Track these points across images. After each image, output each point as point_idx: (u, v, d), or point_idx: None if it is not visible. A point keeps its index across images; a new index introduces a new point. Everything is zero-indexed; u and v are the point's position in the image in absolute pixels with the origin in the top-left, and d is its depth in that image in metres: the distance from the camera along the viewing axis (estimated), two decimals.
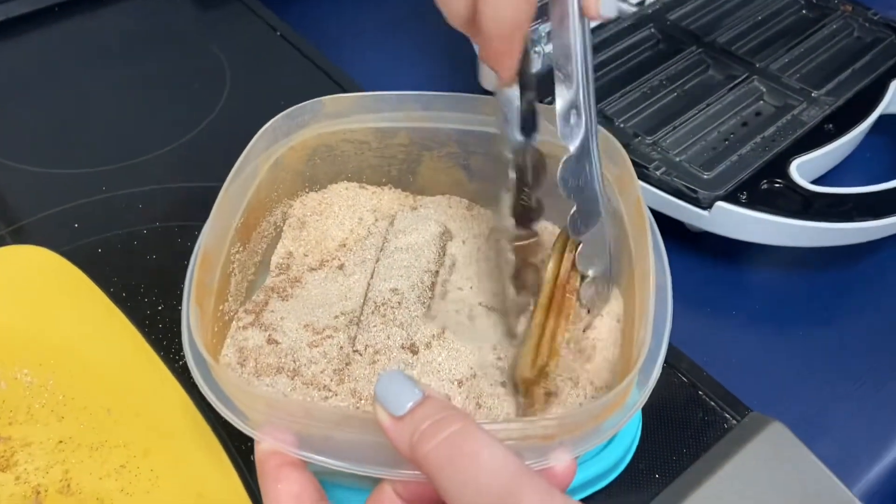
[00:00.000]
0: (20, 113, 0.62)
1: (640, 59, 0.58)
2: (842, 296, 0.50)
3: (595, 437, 0.28)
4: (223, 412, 0.29)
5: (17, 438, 0.39)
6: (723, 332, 0.49)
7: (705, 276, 0.51)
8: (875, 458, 0.43)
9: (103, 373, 0.41)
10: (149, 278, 0.48)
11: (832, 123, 0.52)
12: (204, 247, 0.33)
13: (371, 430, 0.27)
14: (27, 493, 0.37)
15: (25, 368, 0.41)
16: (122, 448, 0.39)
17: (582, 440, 0.28)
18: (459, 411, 0.26)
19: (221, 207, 0.35)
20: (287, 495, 0.27)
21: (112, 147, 0.58)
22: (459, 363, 0.36)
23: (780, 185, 0.48)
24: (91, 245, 0.51)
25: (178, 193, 0.55)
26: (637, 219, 0.34)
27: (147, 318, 0.46)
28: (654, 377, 0.29)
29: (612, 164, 0.38)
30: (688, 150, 0.51)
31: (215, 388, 0.30)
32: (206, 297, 0.33)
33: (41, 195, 0.54)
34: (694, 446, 0.40)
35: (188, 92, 0.64)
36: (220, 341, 0.36)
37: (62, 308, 0.44)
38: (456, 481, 0.24)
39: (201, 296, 0.32)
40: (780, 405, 0.43)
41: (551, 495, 0.23)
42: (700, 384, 0.43)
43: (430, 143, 0.43)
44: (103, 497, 0.37)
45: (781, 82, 0.55)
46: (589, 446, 0.28)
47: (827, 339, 0.48)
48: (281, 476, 0.28)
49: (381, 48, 0.69)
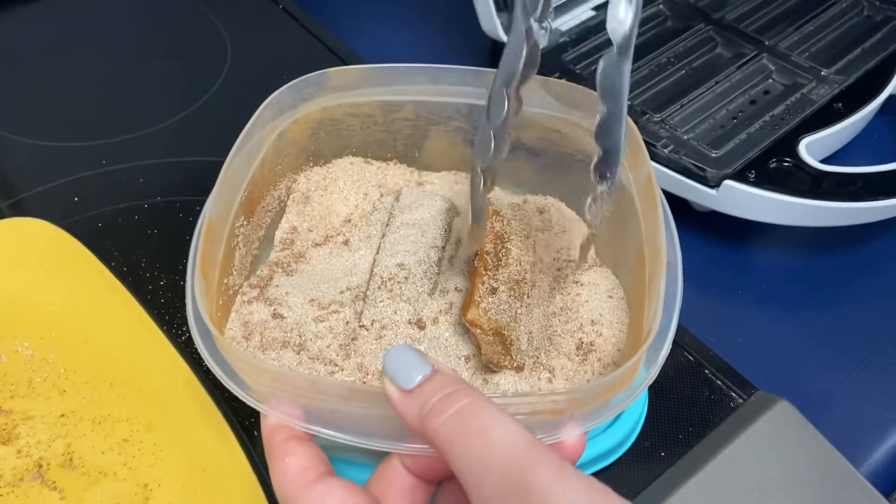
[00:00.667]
0: (20, 86, 0.61)
1: (648, 36, 0.58)
2: (849, 277, 0.50)
3: (604, 413, 0.28)
4: (228, 385, 0.29)
5: (18, 412, 0.39)
6: (729, 312, 0.48)
7: (712, 255, 0.51)
8: (881, 439, 0.43)
9: (105, 347, 0.41)
10: (150, 253, 0.48)
11: (841, 102, 0.52)
12: (209, 219, 0.33)
13: (379, 403, 0.26)
14: (29, 466, 0.37)
15: (26, 342, 0.41)
16: (124, 422, 0.38)
17: (591, 415, 0.27)
18: (469, 386, 0.25)
19: (226, 180, 0.34)
20: (294, 469, 0.27)
21: (113, 121, 0.57)
22: (466, 339, 0.35)
23: (789, 164, 0.48)
24: (91, 219, 0.50)
25: (180, 168, 0.54)
26: (648, 195, 0.34)
27: (149, 293, 0.46)
28: (663, 354, 0.29)
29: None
30: (696, 129, 0.50)
31: (220, 360, 0.29)
32: (210, 270, 0.32)
33: (41, 168, 0.54)
34: (700, 424, 0.40)
35: (190, 65, 0.63)
36: (224, 315, 0.35)
37: (63, 281, 0.43)
38: (467, 456, 0.23)
39: (206, 268, 0.32)
40: (787, 385, 0.42)
41: (563, 469, 0.22)
42: (706, 363, 0.43)
43: (436, 117, 0.42)
44: (106, 471, 0.37)
45: (790, 60, 0.55)
46: (598, 421, 0.28)
47: (834, 320, 0.48)
48: (288, 450, 0.27)
49: (382, 21, 0.69)
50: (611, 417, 0.28)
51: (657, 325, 0.29)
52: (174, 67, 0.63)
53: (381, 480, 0.28)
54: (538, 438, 0.24)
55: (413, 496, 0.28)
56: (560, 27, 0.57)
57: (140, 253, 0.48)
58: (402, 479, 0.28)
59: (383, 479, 0.28)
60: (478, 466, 0.23)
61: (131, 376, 0.40)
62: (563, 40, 0.56)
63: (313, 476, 0.27)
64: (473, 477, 0.23)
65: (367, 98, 0.42)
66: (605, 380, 0.27)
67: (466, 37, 0.65)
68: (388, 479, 0.28)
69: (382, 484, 0.28)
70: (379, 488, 0.28)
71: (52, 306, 0.42)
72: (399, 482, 0.28)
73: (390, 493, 0.28)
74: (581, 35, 0.57)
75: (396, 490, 0.28)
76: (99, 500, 0.36)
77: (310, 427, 0.28)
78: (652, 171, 0.35)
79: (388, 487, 0.28)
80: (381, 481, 0.28)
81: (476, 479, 0.23)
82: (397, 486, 0.28)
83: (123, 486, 0.36)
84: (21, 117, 0.58)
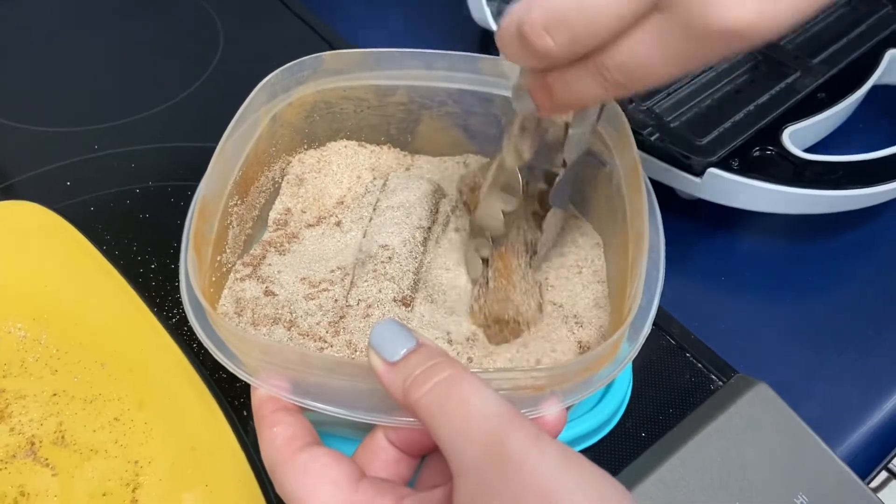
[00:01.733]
0: (13, 71, 0.61)
1: None
2: (830, 265, 0.51)
3: (585, 389, 0.28)
4: (219, 357, 0.30)
5: (11, 391, 0.39)
6: (712, 298, 0.49)
7: (695, 242, 0.52)
8: (858, 422, 0.44)
9: (97, 328, 0.41)
10: (141, 236, 0.48)
11: (825, 92, 0.52)
12: (202, 197, 0.33)
13: (365, 377, 0.27)
14: (22, 443, 0.37)
15: (19, 323, 0.42)
16: (115, 401, 0.39)
17: (573, 391, 0.28)
18: (451, 359, 0.26)
19: (220, 160, 0.35)
20: (281, 438, 0.28)
21: (105, 106, 0.58)
22: (453, 317, 0.36)
23: (772, 153, 0.49)
24: (83, 203, 0.51)
25: (171, 153, 0.55)
26: (633, 181, 0.35)
27: (140, 276, 0.46)
28: (644, 332, 0.30)
29: (611, 128, 0.38)
30: (682, 117, 0.51)
31: (212, 334, 0.30)
32: (203, 247, 0.33)
33: (33, 153, 0.54)
34: (680, 406, 0.41)
35: (181, 52, 0.63)
36: (217, 291, 0.36)
37: (55, 263, 0.44)
38: (447, 426, 0.24)
39: (199, 245, 0.32)
40: (766, 369, 0.43)
41: (539, 436, 0.23)
42: (688, 347, 0.44)
43: (428, 101, 0.43)
44: (97, 448, 0.37)
45: (776, 50, 0.55)
46: (580, 397, 0.28)
47: (814, 307, 0.49)
48: (276, 420, 0.28)
49: (373, 10, 0.69)
50: (593, 392, 0.29)
51: (637, 305, 0.29)
52: (166, 54, 0.63)
53: (366, 453, 0.29)
54: (517, 410, 0.25)
55: (397, 469, 0.29)
56: None
57: (131, 237, 0.48)
58: (387, 452, 0.29)
59: (367, 451, 0.29)
60: (457, 435, 0.24)
61: (122, 357, 0.40)
62: None
63: (299, 445, 0.27)
64: (453, 445, 0.24)
65: (361, 82, 0.42)
66: (586, 357, 0.28)
67: (456, 26, 0.65)
68: (373, 451, 0.29)
69: (367, 456, 0.29)
70: (363, 460, 0.29)
71: (45, 288, 0.43)
72: (383, 455, 0.29)
73: (374, 465, 0.29)
74: None
75: (380, 462, 0.29)
76: (90, 476, 0.36)
77: (298, 399, 0.29)
78: (638, 157, 0.35)
79: (372, 459, 0.29)
80: (365, 453, 0.29)
81: (455, 447, 0.24)
82: (381, 459, 0.29)
83: (114, 463, 0.37)
84: (13, 103, 0.58)
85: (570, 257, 0.40)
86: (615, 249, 0.38)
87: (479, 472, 0.23)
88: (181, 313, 0.44)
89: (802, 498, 0.37)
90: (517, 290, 0.36)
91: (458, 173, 0.44)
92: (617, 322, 0.34)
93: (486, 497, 0.23)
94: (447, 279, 0.38)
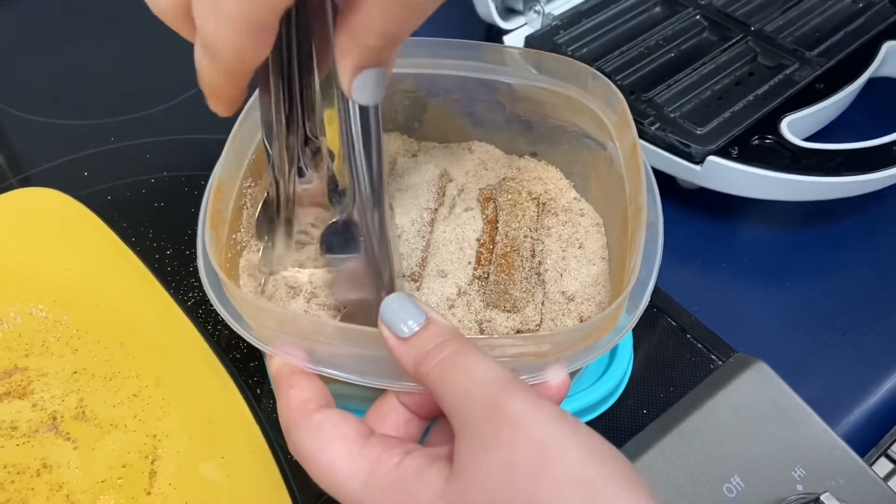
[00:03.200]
0: (35, 68, 0.63)
1: (638, 20, 0.60)
2: (829, 251, 0.52)
3: (587, 355, 0.30)
4: (235, 327, 0.31)
5: (33, 369, 0.41)
6: (713, 284, 0.50)
7: (697, 230, 0.53)
8: (855, 402, 0.45)
9: (116, 309, 0.43)
10: (157, 224, 0.50)
11: (823, 83, 0.54)
12: (218, 177, 0.35)
13: (376, 346, 0.28)
14: (44, 418, 0.39)
15: (41, 304, 0.43)
16: (134, 378, 0.40)
17: (575, 357, 0.29)
18: (459, 333, 0.28)
19: (234, 143, 0.36)
20: (297, 400, 0.29)
21: (122, 100, 0.60)
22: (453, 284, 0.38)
23: (771, 141, 0.50)
24: (101, 192, 0.52)
25: (186, 145, 0.56)
26: (632, 161, 0.36)
27: (156, 261, 0.48)
28: (643, 303, 0.31)
29: (611, 111, 0.39)
30: (682, 108, 0.52)
31: (228, 304, 0.31)
32: (220, 224, 0.34)
33: (53, 145, 0.56)
34: (681, 385, 0.42)
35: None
36: (233, 268, 0.37)
37: (76, 247, 0.45)
38: (450, 391, 0.26)
39: (216, 222, 0.33)
40: (766, 351, 0.44)
41: (538, 399, 0.24)
42: (688, 328, 0.45)
43: (435, 89, 0.44)
44: (117, 423, 0.39)
45: (776, 43, 0.57)
46: (582, 363, 0.30)
47: (812, 291, 0.50)
48: (292, 383, 0.30)
49: None
50: (594, 359, 0.30)
51: (636, 276, 0.31)
52: (181, 50, 0.64)
53: (378, 413, 0.30)
54: (521, 378, 0.26)
55: (407, 429, 0.30)
56: (552, 11, 0.59)
57: (147, 224, 0.50)
58: (398, 413, 0.30)
59: (379, 412, 0.30)
60: (460, 397, 0.25)
61: (141, 336, 0.42)
62: (556, 24, 0.58)
63: (313, 407, 0.29)
64: (455, 407, 0.25)
65: None
66: (588, 324, 0.29)
67: (462, 21, 0.66)
68: (384, 412, 0.30)
69: (378, 416, 0.30)
70: (375, 421, 0.30)
71: (66, 271, 0.44)
72: (394, 415, 0.30)
73: (385, 425, 0.30)
74: (573, 19, 0.59)
75: (391, 422, 0.30)
76: (110, 449, 0.38)
77: (311, 367, 0.30)
78: (637, 139, 0.36)
79: (384, 420, 0.30)
80: (377, 414, 0.30)
81: (457, 408, 0.25)
82: (392, 419, 0.30)
83: (133, 437, 0.38)
84: (35, 97, 0.60)
85: (571, 235, 0.41)
86: (615, 228, 0.39)
87: (478, 429, 0.24)
88: (196, 296, 0.46)
89: (800, 471, 0.38)
90: (517, 287, 0.37)
91: (464, 159, 0.45)
92: (617, 296, 0.35)
93: (483, 451, 0.24)
94: (453, 256, 0.39)
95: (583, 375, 0.40)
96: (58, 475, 0.37)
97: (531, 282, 0.38)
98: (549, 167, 0.45)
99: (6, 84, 0.61)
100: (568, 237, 0.40)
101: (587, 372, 0.40)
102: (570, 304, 0.37)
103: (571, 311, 0.37)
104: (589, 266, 0.39)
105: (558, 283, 0.38)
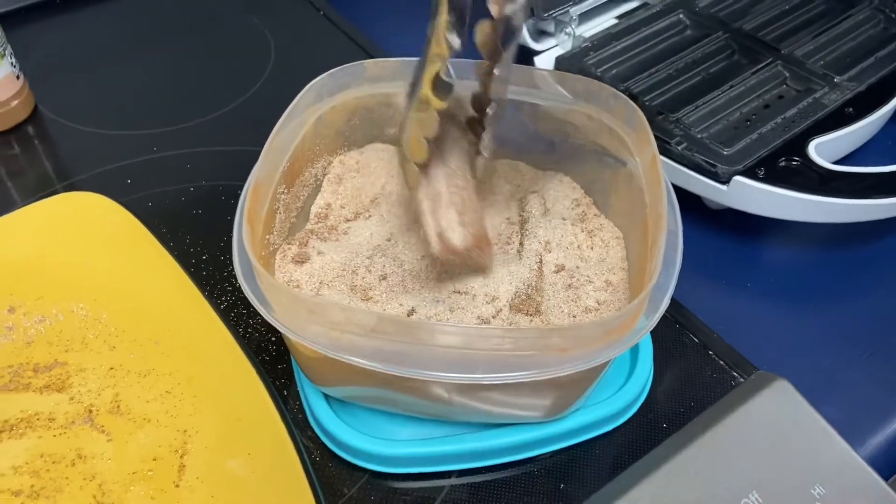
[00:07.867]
0: (83, 81, 0.66)
1: (667, 43, 0.60)
2: (854, 273, 0.52)
3: (606, 352, 0.30)
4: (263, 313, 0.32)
5: (72, 364, 0.42)
6: (737, 302, 0.51)
7: (722, 250, 0.53)
8: (880, 425, 0.45)
9: (152, 309, 0.44)
10: (194, 230, 0.52)
11: (852, 107, 0.54)
12: (255, 179, 0.36)
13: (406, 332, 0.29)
14: (80, 411, 0.40)
15: (81, 303, 0.45)
16: (167, 376, 0.42)
17: (594, 354, 0.30)
18: None
19: (270, 150, 0.38)
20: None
21: (164, 112, 0.62)
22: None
23: (798, 163, 0.50)
24: (142, 198, 0.54)
25: (224, 156, 0.58)
26: (652, 173, 0.37)
27: (192, 266, 0.49)
28: (663, 305, 0.32)
29: (629, 127, 0.40)
30: (709, 129, 0.53)
31: (257, 292, 0.32)
32: (255, 221, 0.36)
33: (98, 153, 0.58)
34: (701, 400, 0.43)
35: (236, 64, 0.67)
36: (266, 267, 0.39)
37: (117, 249, 0.47)
38: None
39: (252, 218, 0.35)
40: (788, 370, 0.44)
41: None
42: (710, 345, 0.45)
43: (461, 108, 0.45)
44: (150, 417, 0.40)
45: (805, 67, 0.57)
46: (600, 359, 0.30)
47: (838, 313, 0.50)
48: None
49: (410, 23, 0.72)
50: (612, 357, 0.31)
51: (656, 276, 0.31)
52: (221, 66, 0.67)
53: None
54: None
55: None
56: (583, 34, 0.60)
57: (185, 230, 0.52)
58: None
59: None
60: None
61: (175, 336, 0.43)
62: (586, 45, 0.59)
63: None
64: None
65: (399, 89, 0.45)
66: (608, 319, 0.30)
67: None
68: None
69: None
70: None
71: (106, 272, 0.46)
72: None
73: None
74: (603, 41, 0.60)
75: None
76: (143, 442, 0.39)
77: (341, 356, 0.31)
78: (657, 153, 0.37)
79: None
80: None
81: None
82: None
83: (165, 431, 0.40)
84: (82, 108, 0.63)
85: (591, 247, 0.42)
86: (635, 241, 0.40)
87: None
88: (230, 300, 0.48)
89: (819, 489, 0.38)
90: (538, 293, 0.38)
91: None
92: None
93: None
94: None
95: (602, 386, 0.40)
96: (91, 465, 0.38)
97: (556, 287, 0.39)
98: (571, 182, 0.46)
99: (57, 96, 0.64)
100: (588, 249, 0.41)
101: (607, 382, 0.41)
102: (588, 315, 0.38)
103: (591, 318, 0.38)
104: (609, 275, 0.39)
105: (578, 292, 0.39)
